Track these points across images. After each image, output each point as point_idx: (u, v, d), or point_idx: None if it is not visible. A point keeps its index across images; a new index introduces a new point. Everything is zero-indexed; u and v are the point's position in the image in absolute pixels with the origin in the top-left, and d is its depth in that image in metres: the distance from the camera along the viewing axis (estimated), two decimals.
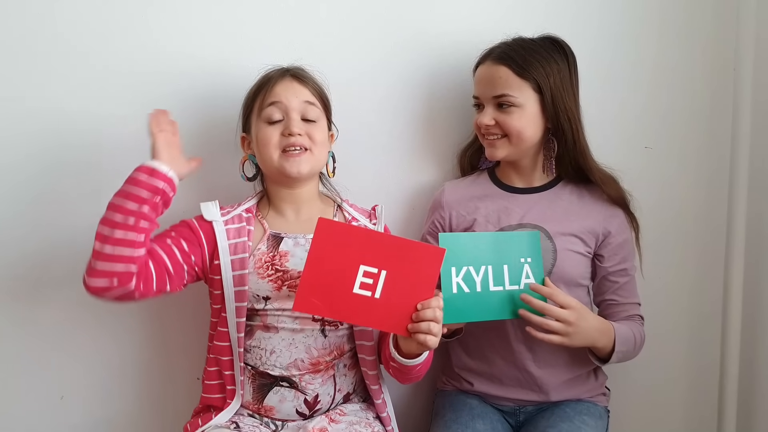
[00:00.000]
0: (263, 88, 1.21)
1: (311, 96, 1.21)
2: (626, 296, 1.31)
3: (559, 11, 1.45)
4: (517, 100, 1.25)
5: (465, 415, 1.27)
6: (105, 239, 1.05)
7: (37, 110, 1.32)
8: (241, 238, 1.18)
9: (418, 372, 1.17)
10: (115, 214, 1.06)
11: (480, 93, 1.30)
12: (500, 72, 1.25)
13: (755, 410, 1.49)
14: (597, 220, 1.30)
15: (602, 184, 1.30)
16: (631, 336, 1.26)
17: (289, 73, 1.22)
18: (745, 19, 1.45)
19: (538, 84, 1.25)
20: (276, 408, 1.20)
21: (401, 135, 1.45)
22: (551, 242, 1.27)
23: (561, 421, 1.24)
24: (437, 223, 1.37)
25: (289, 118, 1.18)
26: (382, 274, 1.05)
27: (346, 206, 1.29)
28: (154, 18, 1.34)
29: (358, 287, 1.05)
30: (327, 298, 1.05)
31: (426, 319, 1.04)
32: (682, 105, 1.49)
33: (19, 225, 1.35)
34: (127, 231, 1.05)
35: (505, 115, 1.26)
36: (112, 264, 1.05)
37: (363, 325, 1.15)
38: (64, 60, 1.31)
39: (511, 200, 1.33)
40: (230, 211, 1.22)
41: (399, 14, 1.42)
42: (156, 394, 1.43)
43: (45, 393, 1.40)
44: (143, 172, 1.08)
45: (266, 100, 1.19)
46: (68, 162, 1.35)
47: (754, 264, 1.49)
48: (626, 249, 1.32)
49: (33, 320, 1.38)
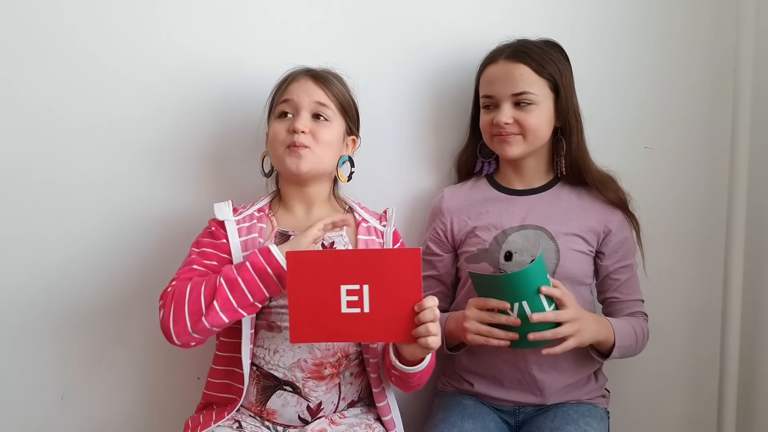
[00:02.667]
0: (282, 85, 1.24)
1: (325, 97, 1.21)
2: (628, 293, 1.32)
3: (559, 11, 1.44)
4: (536, 98, 1.25)
5: (455, 415, 1.27)
6: (209, 313, 1.07)
7: (51, 111, 1.34)
8: (251, 235, 1.19)
9: (420, 379, 1.16)
10: (229, 298, 1.07)
11: (495, 91, 1.28)
12: (520, 69, 1.25)
13: (755, 410, 1.49)
14: (597, 219, 1.30)
15: (600, 187, 1.30)
16: (631, 330, 1.27)
17: (309, 73, 1.23)
18: (745, 19, 1.45)
19: (555, 82, 1.26)
20: (278, 412, 1.19)
21: (397, 140, 1.45)
22: (553, 242, 1.27)
23: (566, 423, 1.23)
24: (438, 230, 1.37)
25: (297, 115, 1.19)
26: (365, 289, 1.05)
27: (357, 208, 1.29)
28: (172, 20, 1.36)
29: (346, 306, 1.05)
30: (319, 324, 1.06)
31: (425, 321, 1.04)
32: (682, 105, 1.49)
33: (18, 225, 1.35)
34: (234, 314, 1.09)
35: (524, 113, 1.25)
36: (208, 333, 1.10)
37: (361, 341, 1.15)
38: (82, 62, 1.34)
39: (511, 203, 1.33)
40: (242, 212, 1.23)
41: (400, 21, 1.42)
42: (156, 394, 1.44)
43: (45, 393, 1.40)
44: (262, 261, 1.09)
45: (281, 98, 1.22)
46: (77, 165, 1.36)
47: (754, 263, 1.49)
48: (626, 247, 1.32)
49: (33, 320, 1.38)
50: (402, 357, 1.12)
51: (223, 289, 1.07)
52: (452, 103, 1.44)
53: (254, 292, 1.08)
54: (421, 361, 1.12)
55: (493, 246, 1.29)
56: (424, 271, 1.38)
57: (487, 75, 1.30)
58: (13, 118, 1.33)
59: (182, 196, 1.39)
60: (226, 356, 1.21)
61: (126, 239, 1.38)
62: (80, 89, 1.34)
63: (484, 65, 1.32)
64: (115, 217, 1.38)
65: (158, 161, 1.38)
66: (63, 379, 1.40)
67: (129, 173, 1.37)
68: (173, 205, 1.39)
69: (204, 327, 1.07)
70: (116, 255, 1.38)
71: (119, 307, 1.40)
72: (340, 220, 1.16)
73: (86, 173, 1.36)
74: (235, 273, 1.08)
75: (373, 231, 1.26)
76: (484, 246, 1.30)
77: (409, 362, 1.12)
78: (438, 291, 1.38)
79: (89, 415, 1.42)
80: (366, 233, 1.25)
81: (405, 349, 1.10)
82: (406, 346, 1.09)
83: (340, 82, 1.25)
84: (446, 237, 1.36)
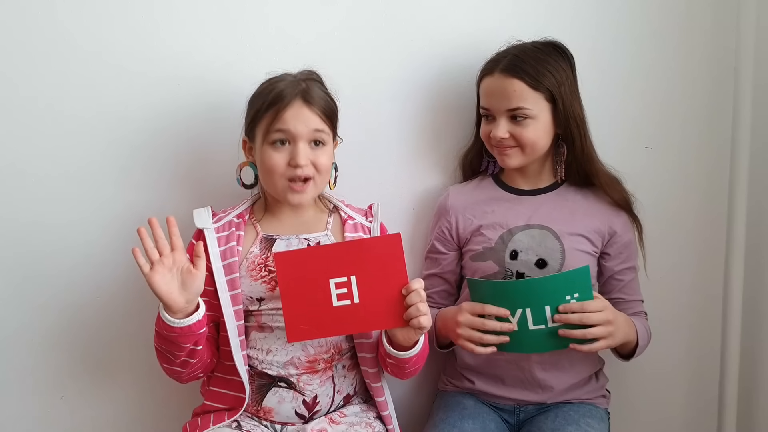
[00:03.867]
0: (273, 106, 1.16)
1: (320, 122, 1.18)
2: (631, 294, 1.33)
3: (559, 11, 1.44)
4: (531, 112, 1.24)
5: (455, 415, 1.27)
6: (170, 369, 1.16)
7: (45, 111, 1.33)
8: (230, 244, 1.19)
9: (416, 363, 1.17)
10: (168, 357, 1.13)
11: (491, 105, 1.28)
12: (514, 85, 1.24)
13: (756, 410, 1.49)
14: (602, 220, 1.31)
15: (607, 189, 1.31)
16: (644, 330, 1.30)
17: (301, 94, 1.17)
18: (746, 19, 1.45)
19: (552, 94, 1.25)
20: (275, 410, 1.19)
21: (403, 139, 1.45)
22: (559, 242, 1.27)
23: (567, 424, 1.23)
24: (444, 229, 1.37)
25: (296, 147, 1.16)
26: (353, 280, 1.08)
27: (342, 206, 1.29)
28: (160, 20, 1.34)
29: (336, 300, 1.09)
30: (312, 321, 1.09)
31: (414, 303, 1.07)
32: (682, 105, 1.49)
33: (15, 223, 1.35)
34: (183, 367, 1.14)
35: (520, 127, 1.25)
36: (188, 376, 1.17)
37: (356, 332, 1.16)
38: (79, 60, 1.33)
39: (516, 202, 1.33)
40: (222, 218, 1.23)
41: (404, 21, 1.42)
42: (156, 394, 1.43)
43: (45, 393, 1.40)
44: (161, 328, 1.08)
45: (275, 125, 1.16)
46: (74, 162, 1.36)
47: (754, 263, 1.49)
48: (631, 248, 1.33)
49: (32, 320, 1.38)
50: (395, 343, 1.13)
51: (160, 355, 1.15)
52: (454, 104, 1.44)
53: (174, 351, 1.11)
54: (416, 344, 1.13)
55: (498, 245, 1.29)
56: (429, 269, 1.39)
57: (484, 87, 1.30)
58: (7, 114, 1.32)
59: (179, 195, 1.38)
60: (220, 364, 1.21)
61: (126, 239, 1.38)
62: (75, 87, 1.33)
63: (482, 75, 1.31)
64: (115, 217, 1.37)
65: (152, 161, 1.38)
66: (63, 379, 1.40)
67: (123, 173, 1.37)
68: (171, 204, 1.38)
69: (181, 379, 1.17)
70: (116, 255, 1.38)
71: (118, 308, 1.40)
72: None
73: (83, 171, 1.36)
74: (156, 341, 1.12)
75: (359, 227, 1.26)
76: (489, 244, 1.30)
77: (404, 347, 1.13)
78: (442, 289, 1.38)
79: (89, 415, 1.42)
80: (353, 230, 1.25)
81: (399, 333, 1.11)
82: (399, 331, 1.11)
83: (324, 92, 1.21)
84: (451, 236, 1.36)
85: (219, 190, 1.37)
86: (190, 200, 1.35)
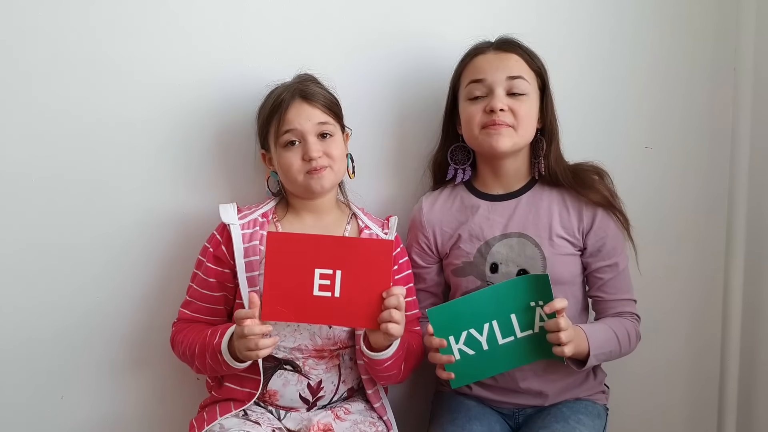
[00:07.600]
0: (276, 112, 1.23)
1: (323, 115, 1.23)
2: (613, 293, 1.28)
3: (558, 10, 1.44)
4: (528, 88, 1.23)
5: (462, 417, 1.26)
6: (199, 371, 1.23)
7: (56, 112, 1.34)
8: (253, 242, 1.22)
9: (387, 370, 1.17)
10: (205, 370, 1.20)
11: (488, 76, 1.23)
12: (512, 59, 1.24)
13: (755, 409, 1.49)
14: (578, 217, 1.27)
15: (579, 188, 1.26)
16: (610, 335, 1.21)
17: (298, 93, 1.23)
18: (745, 18, 1.45)
19: (543, 79, 1.25)
20: (279, 392, 1.21)
21: (374, 143, 1.43)
22: (538, 249, 1.25)
23: (555, 421, 1.22)
24: (422, 243, 1.33)
25: (306, 142, 1.21)
26: (338, 274, 1.11)
27: (361, 215, 1.31)
28: (168, 25, 1.36)
29: (318, 289, 1.11)
30: (290, 304, 1.11)
31: (389, 307, 1.08)
32: (682, 105, 1.49)
33: (18, 226, 1.35)
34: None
35: (517, 101, 1.22)
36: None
37: (330, 323, 1.18)
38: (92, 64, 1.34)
39: (491, 209, 1.30)
40: (247, 215, 1.26)
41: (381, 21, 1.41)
42: (157, 394, 1.44)
43: (45, 393, 1.40)
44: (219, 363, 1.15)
45: (281, 128, 1.22)
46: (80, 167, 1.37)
47: (754, 263, 1.49)
48: (611, 245, 1.27)
49: (32, 320, 1.38)
50: (370, 345, 1.16)
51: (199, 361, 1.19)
52: (422, 107, 1.43)
53: (216, 370, 1.18)
54: (387, 347, 1.14)
55: (477, 258, 1.27)
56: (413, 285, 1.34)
57: (475, 64, 1.26)
58: (20, 119, 1.33)
59: (184, 197, 1.39)
60: None
61: (126, 239, 1.38)
62: (85, 91, 1.34)
63: (470, 56, 1.28)
64: (115, 216, 1.38)
65: (161, 162, 1.38)
66: (63, 379, 1.40)
67: (131, 174, 1.38)
68: (176, 206, 1.39)
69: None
70: (116, 254, 1.38)
71: (119, 307, 1.40)
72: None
73: (90, 173, 1.36)
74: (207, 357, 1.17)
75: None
76: (468, 259, 1.28)
77: (375, 349, 1.15)
78: (430, 303, 1.33)
79: (89, 415, 1.42)
80: None
81: (371, 336, 1.14)
82: (372, 333, 1.14)
83: (323, 88, 1.27)
84: (431, 250, 1.33)
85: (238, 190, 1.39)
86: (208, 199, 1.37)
